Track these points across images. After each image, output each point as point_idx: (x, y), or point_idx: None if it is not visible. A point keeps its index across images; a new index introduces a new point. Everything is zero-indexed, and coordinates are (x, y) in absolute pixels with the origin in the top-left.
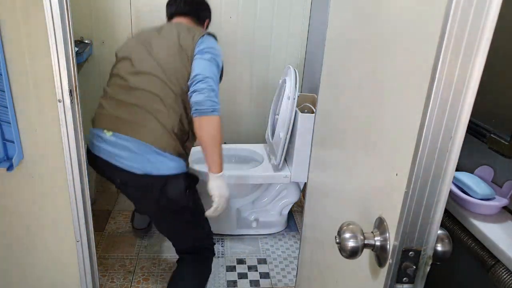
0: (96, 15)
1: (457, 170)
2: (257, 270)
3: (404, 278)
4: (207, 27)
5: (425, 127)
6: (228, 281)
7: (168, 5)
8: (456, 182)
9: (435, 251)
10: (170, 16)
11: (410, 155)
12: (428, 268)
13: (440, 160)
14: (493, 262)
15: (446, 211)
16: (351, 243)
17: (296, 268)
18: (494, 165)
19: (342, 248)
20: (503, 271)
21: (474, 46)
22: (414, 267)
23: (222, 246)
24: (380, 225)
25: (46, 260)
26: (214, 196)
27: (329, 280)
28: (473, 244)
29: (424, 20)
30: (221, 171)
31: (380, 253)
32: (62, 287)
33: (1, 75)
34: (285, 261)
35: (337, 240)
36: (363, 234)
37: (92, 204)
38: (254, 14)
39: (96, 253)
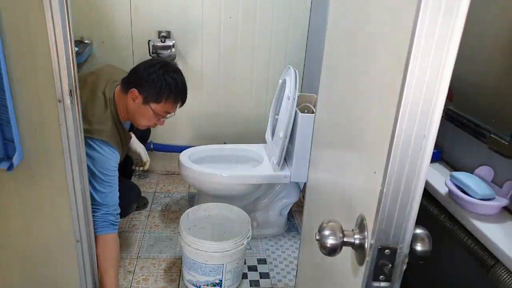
0: (96, 15)
1: (457, 170)
2: (257, 270)
3: (381, 276)
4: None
5: (398, 124)
6: None
7: None
8: (456, 182)
9: (415, 250)
10: None
11: (386, 153)
12: (404, 267)
13: (414, 158)
14: (493, 262)
15: (446, 211)
16: (330, 241)
17: (296, 268)
18: (494, 165)
19: (321, 245)
20: (503, 271)
21: (444, 45)
22: (390, 265)
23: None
24: (361, 223)
25: (46, 260)
26: None
27: (324, 279)
28: (473, 244)
29: (397, 19)
30: None
31: (359, 251)
32: (62, 287)
33: (1, 75)
34: (285, 261)
35: (317, 237)
36: (342, 231)
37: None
38: (254, 14)
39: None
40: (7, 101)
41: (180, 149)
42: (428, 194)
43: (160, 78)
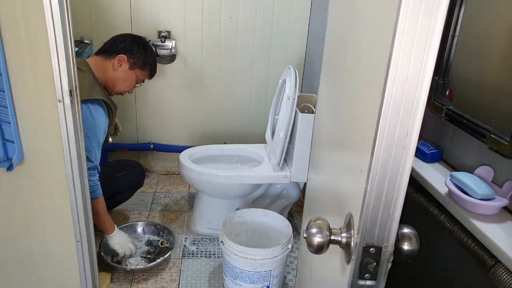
0: (96, 15)
1: (457, 170)
2: None
3: (367, 275)
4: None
5: (380, 123)
6: None
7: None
8: (456, 182)
9: (402, 249)
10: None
11: (370, 151)
12: (389, 265)
13: (397, 156)
14: (493, 262)
15: (446, 211)
16: (317, 238)
17: (296, 268)
18: (494, 165)
19: (308, 243)
20: (503, 271)
21: (425, 43)
22: (375, 263)
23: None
24: (348, 221)
25: (46, 260)
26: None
27: (317, 277)
28: (473, 244)
29: (380, 18)
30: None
31: (346, 250)
32: (62, 287)
33: (1, 75)
34: None
35: (304, 235)
36: (329, 230)
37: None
38: (254, 14)
39: (96, 253)
40: (7, 101)
41: (180, 149)
42: (428, 194)
43: (147, 48)
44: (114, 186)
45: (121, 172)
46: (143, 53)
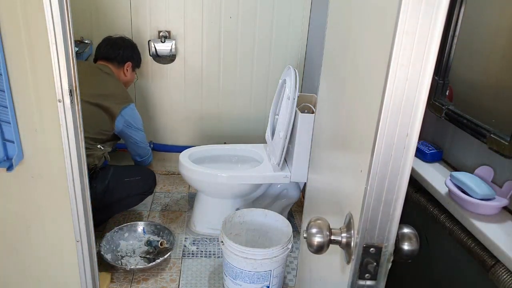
0: (96, 15)
1: (457, 170)
2: None
3: (367, 275)
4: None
5: (380, 123)
6: None
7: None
8: (456, 182)
9: (402, 249)
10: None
11: (370, 151)
12: (389, 265)
13: (397, 156)
14: (493, 262)
15: (446, 211)
16: (317, 238)
17: (296, 268)
18: (494, 165)
19: (308, 243)
20: (503, 271)
21: (425, 43)
22: (375, 263)
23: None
24: (348, 221)
25: (46, 260)
26: None
27: (317, 277)
28: (473, 244)
29: (380, 18)
30: None
31: (346, 250)
32: (62, 287)
33: (1, 75)
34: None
35: (304, 235)
36: (329, 230)
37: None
38: (254, 14)
39: (96, 253)
40: (7, 101)
41: (180, 149)
42: (428, 194)
43: (137, 49)
44: (125, 190)
45: (134, 177)
46: (139, 56)
